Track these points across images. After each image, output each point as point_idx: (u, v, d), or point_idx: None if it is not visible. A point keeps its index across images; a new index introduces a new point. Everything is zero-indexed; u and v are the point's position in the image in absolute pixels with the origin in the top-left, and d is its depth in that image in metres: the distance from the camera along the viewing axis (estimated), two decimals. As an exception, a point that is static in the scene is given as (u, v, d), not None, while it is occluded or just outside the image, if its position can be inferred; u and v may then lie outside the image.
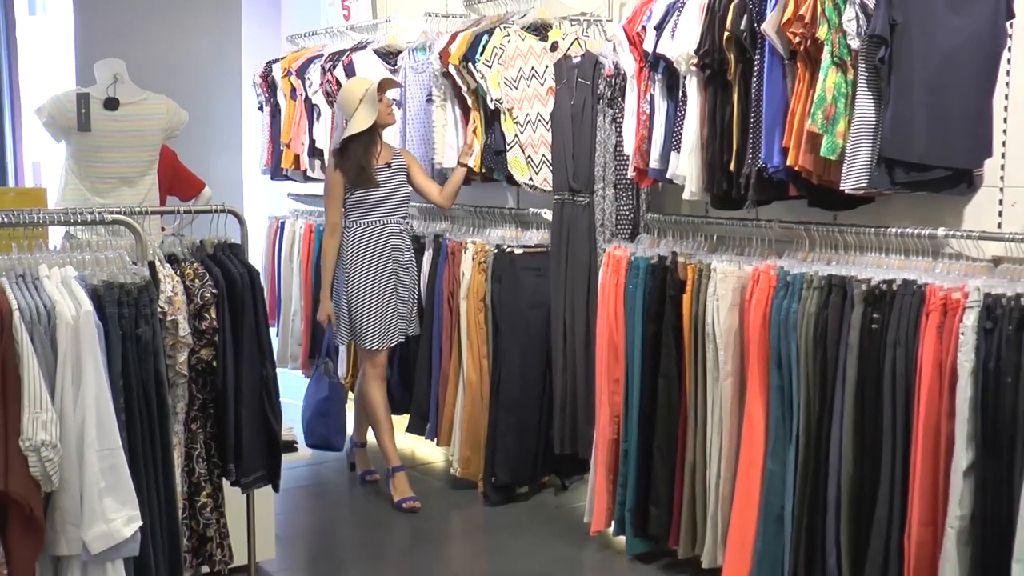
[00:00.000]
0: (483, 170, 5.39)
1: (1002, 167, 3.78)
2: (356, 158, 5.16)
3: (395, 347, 5.49)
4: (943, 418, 3.48)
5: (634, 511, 4.46)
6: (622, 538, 4.58)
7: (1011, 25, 3.69)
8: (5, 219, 3.11)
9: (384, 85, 5.15)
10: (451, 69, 5.36)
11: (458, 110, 5.55)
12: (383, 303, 5.23)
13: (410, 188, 5.40)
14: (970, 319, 3.37)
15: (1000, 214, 3.80)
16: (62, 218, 3.37)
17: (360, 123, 5.11)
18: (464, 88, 5.38)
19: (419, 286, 5.61)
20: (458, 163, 5.45)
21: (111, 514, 2.89)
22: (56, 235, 3.90)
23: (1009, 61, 3.73)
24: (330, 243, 5.31)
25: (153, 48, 6.43)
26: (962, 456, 3.39)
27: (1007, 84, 3.75)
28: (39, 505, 2.86)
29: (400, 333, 5.37)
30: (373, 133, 5.18)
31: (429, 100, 5.82)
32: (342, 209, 5.27)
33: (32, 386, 2.82)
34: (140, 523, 2.95)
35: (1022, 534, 3.21)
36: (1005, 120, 3.76)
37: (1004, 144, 3.77)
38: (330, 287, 5.32)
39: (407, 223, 5.42)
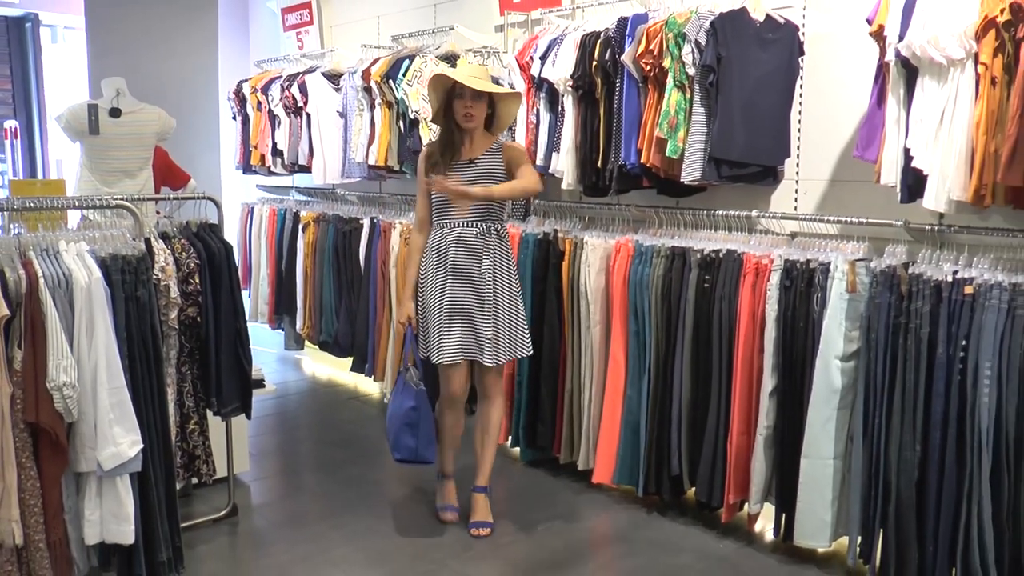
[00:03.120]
0: (399, 167, 5.30)
1: (797, 165, 3.88)
2: (433, 145, 3.80)
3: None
4: (755, 354, 3.58)
5: (526, 428, 4.50)
6: (517, 449, 4.63)
7: (802, 60, 3.79)
8: (33, 204, 3.07)
9: (466, 90, 3.61)
10: (372, 85, 5.30)
11: (375, 116, 5.42)
12: (446, 313, 3.65)
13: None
14: (774, 279, 3.49)
15: (796, 200, 3.90)
16: (77, 204, 3.31)
17: (430, 113, 3.81)
18: (379, 100, 5.31)
19: (520, 303, 3.80)
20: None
21: (119, 439, 2.89)
22: (73, 217, 3.84)
23: (801, 87, 3.83)
24: (414, 239, 3.83)
25: (149, 69, 6.28)
26: (768, 381, 3.52)
27: (800, 103, 3.85)
28: (63, 432, 2.86)
29: (473, 351, 3.66)
30: (451, 125, 3.70)
31: (341, 113, 5.77)
32: (428, 204, 3.77)
33: (55, 338, 2.80)
34: (142, 445, 2.95)
35: (808, 438, 3.35)
36: (799, 130, 3.86)
37: (799, 148, 3.87)
38: (412, 287, 3.77)
39: (488, 227, 3.68)
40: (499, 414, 3.89)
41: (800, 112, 3.85)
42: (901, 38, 3.02)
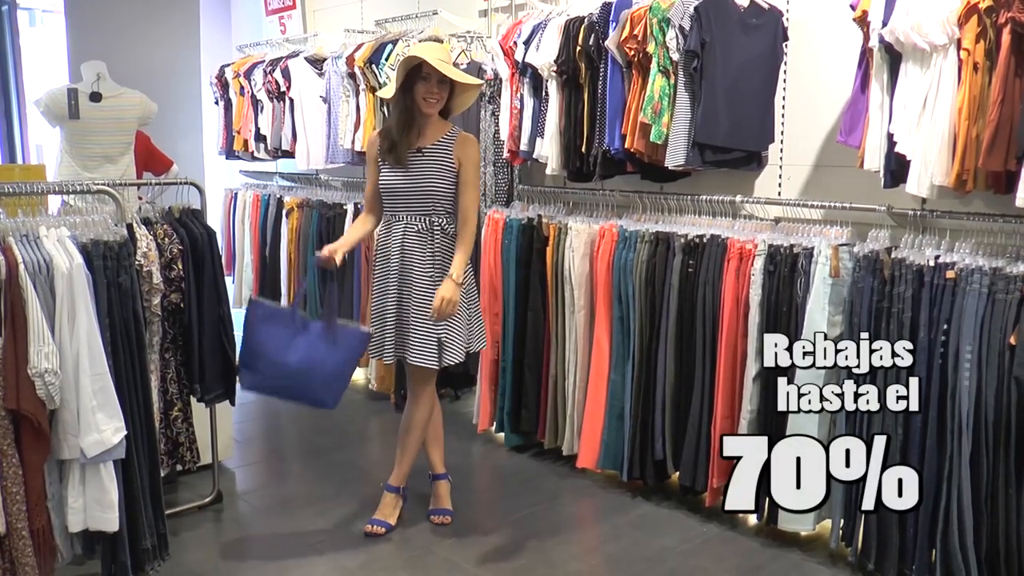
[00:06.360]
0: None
1: (781, 150, 3.89)
2: (389, 129, 3.51)
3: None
4: (739, 338, 3.59)
5: (510, 413, 4.50)
6: (502, 434, 4.63)
7: (786, 46, 3.79)
8: (12, 189, 3.04)
9: (430, 69, 3.36)
10: (356, 71, 5.27)
11: (360, 102, 5.38)
12: (384, 311, 3.55)
13: (450, 182, 3.47)
14: (758, 264, 3.50)
15: (780, 185, 3.91)
16: (58, 189, 3.27)
17: (386, 91, 3.59)
18: (363, 85, 5.28)
19: (470, 304, 3.60)
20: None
21: (102, 426, 2.87)
22: (54, 203, 3.80)
23: (785, 72, 3.84)
24: (362, 217, 3.68)
25: (129, 52, 6.22)
26: (752, 366, 3.53)
27: (784, 88, 3.85)
28: (45, 420, 2.83)
29: (399, 351, 3.55)
30: (409, 107, 3.44)
31: (324, 99, 5.72)
32: (376, 189, 3.57)
33: (36, 325, 2.77)
34: (125, 432, 2.93)
35: (792, 422, 3.33)
36: (783, 115, 3.87)
37: (782, 133, 3.87)
38: (348, 242, 3.55)
39: (432, 222, 3.47)
40: (421, 415, 3.68)
41: (784, 97, 3.86)
42: (885, 24, 3.03)
